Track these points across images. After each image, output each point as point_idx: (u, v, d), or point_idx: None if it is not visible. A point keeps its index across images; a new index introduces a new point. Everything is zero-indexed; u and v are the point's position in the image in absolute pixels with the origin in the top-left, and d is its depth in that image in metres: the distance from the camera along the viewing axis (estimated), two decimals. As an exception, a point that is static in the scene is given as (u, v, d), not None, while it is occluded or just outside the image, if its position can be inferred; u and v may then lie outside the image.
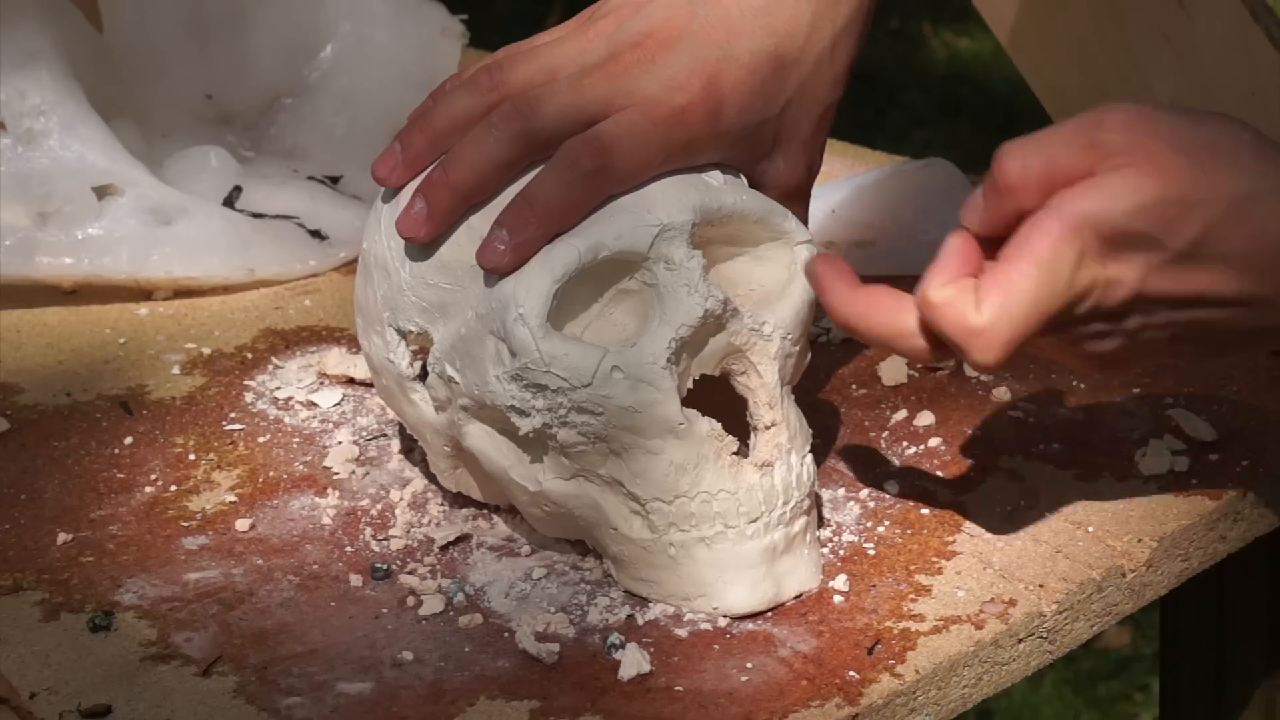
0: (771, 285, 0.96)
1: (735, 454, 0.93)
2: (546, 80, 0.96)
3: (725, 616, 0.92)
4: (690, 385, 0.93)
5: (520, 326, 0.90)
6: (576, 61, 0.97)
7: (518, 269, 0.92)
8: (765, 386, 0.94)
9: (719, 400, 0.94)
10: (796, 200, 1.01)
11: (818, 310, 0.95)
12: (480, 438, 0.95)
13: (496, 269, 0.92)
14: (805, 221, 1.01)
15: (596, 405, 0.90)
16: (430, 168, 0.96)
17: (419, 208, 0.95)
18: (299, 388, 1.13)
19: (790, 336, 0.95)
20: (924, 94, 3.73)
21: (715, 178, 0.96)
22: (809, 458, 0.95)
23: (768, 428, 0.94)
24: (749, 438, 0.94)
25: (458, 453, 0.98)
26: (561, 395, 0.90)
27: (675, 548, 0.92)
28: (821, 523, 0.99)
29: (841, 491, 1.02)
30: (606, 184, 0.93)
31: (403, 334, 0.98)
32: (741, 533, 0.92)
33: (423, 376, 0.98)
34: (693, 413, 0.92)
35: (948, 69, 3.84)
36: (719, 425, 0.92)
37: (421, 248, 0.96)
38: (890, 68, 3.74)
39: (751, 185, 0.98)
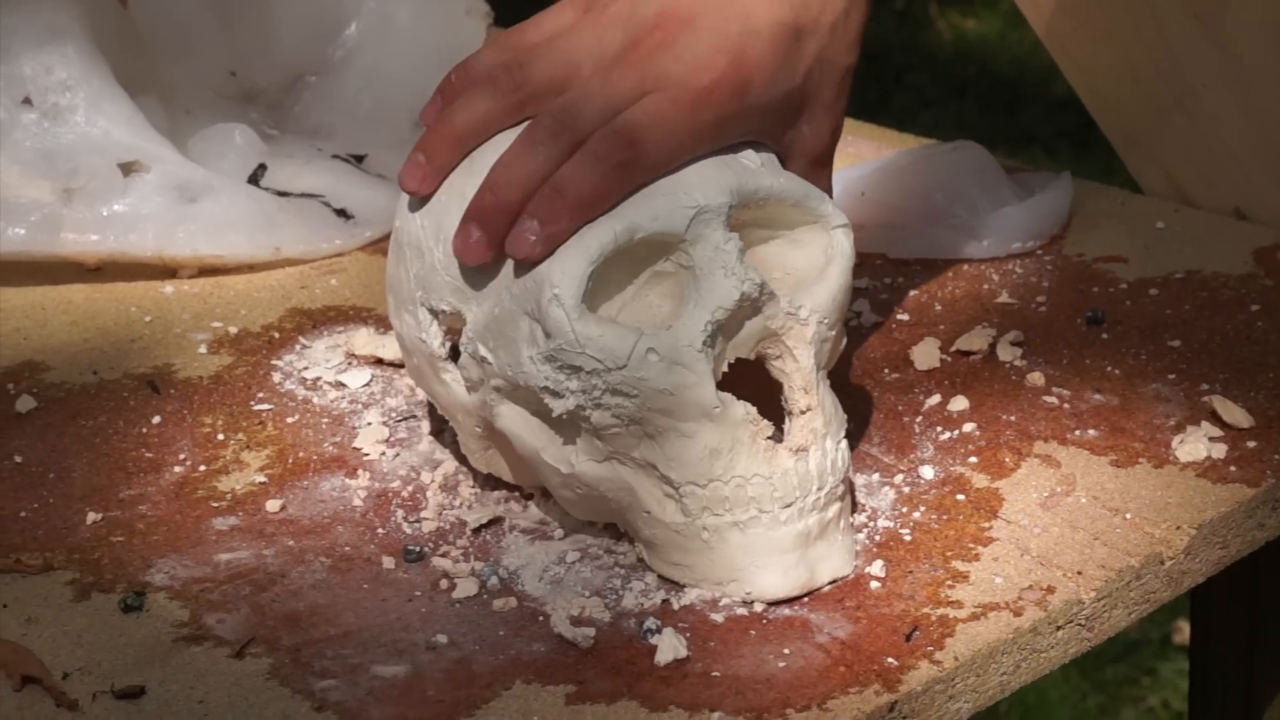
0: (808, 269, 0.96)
1: (770, 438, 0.92)
2: (568, 76, 0.95)
3: (759, 601, 0.92)
4: (725, 369, 0.92)
5: (555, 307, 0.90)
6: (595, 52, 0.96)
7: (547, 258, 0.92)
8: (801, 371, 0.94)
9: (754, 384, 0.94)
10: (822, 166, 1.01)
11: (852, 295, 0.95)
12: (512, 419, 0.94)
13: (528, 258, 0.92)
14: (830, 188, 1.00)
15: (631, 387, 0.90)
16: (479, 191, 0.94)
17: (477, 236, 0.93)
18: (327, 368, 1.13)
19: (826, 321, 0.94)
20: (930, 75, 3.73)
21: (751, 159, 0.96)
22: (844, 443, 0.94)
23: (803, 412, 0.93)
24: (784, 422, 0.94)
25: (489, 434, 0.97)
26: (596, 377, 0.90)
27: (708, 532, 0.92)
28: (856, 508, 0.98)
29: (876, 477, 1.01)
30: (637, 174, 0.92)
31: (435, 313, 0.97)
32: (775, 518, 0.92)
33: (454, 356, 0.97)
34: (728, 396, 0.91)
35: (953, 50, 3.84)
36: (754, 409, 0.92)
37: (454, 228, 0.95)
38: (896, 49, 3.74)
39: (779, 155, 0.98)
